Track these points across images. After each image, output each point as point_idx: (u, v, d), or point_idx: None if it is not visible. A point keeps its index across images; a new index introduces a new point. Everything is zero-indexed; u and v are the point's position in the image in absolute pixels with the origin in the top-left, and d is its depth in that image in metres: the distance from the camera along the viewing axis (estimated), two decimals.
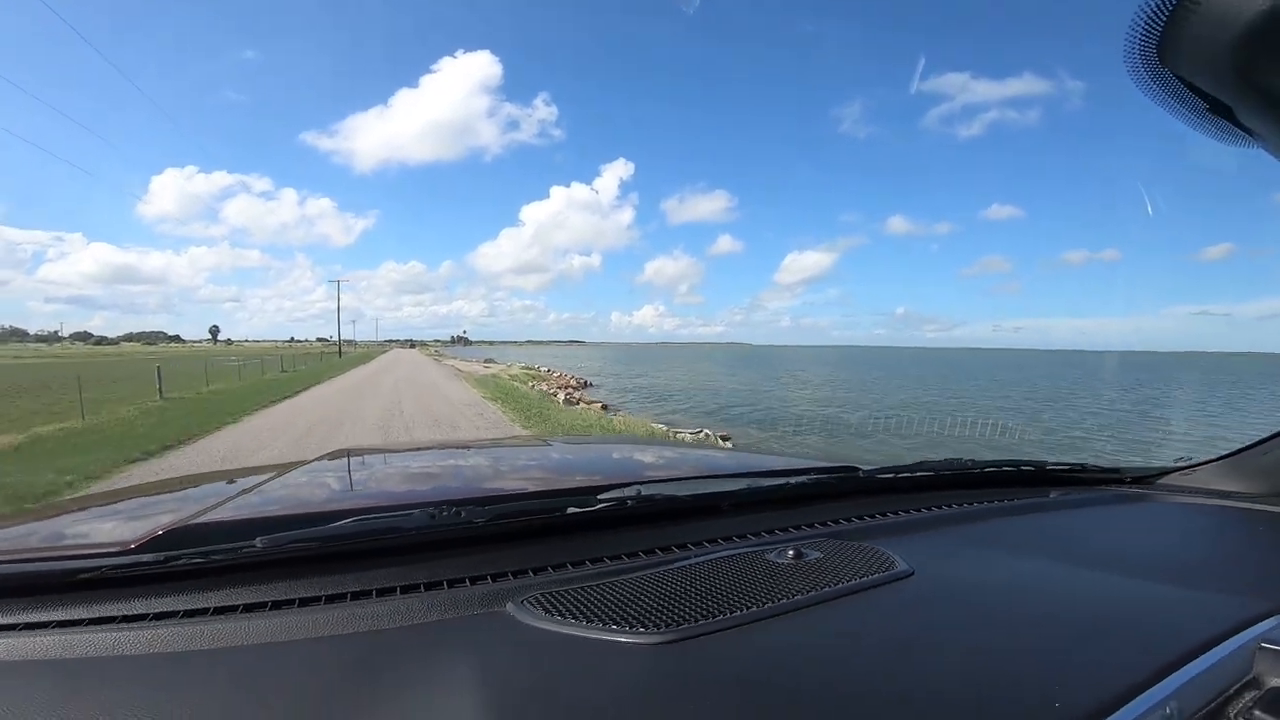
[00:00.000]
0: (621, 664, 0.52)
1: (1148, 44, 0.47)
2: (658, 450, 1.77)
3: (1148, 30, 0.46)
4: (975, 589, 0.71)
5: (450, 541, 0.74)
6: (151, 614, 0.60)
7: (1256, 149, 0.56)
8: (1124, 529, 1.02)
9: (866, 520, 0.95)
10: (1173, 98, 0.52)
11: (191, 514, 0.80)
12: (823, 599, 0.64)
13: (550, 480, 1.25)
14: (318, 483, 1.12)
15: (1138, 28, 0.46)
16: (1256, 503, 1.07)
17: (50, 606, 0.60)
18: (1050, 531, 0.98)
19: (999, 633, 0.59)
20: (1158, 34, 0.46)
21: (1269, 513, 1.02)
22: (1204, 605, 0.64)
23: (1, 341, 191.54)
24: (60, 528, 0.97)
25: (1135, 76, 0.50)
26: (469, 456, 1.51)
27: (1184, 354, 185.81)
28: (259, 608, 0.61)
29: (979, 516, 1.02)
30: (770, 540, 0.84)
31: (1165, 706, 0.46)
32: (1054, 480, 1.23)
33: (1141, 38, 0.47)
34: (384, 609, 0.61)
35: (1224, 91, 0.50)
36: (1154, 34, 0.46)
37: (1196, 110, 0.53)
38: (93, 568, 0.63)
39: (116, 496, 1.31)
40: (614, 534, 0.82)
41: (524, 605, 0.61)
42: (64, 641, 0.55)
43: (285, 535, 0.67)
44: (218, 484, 1.23)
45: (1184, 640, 0.55)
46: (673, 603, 0.61)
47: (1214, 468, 1.19)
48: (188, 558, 0.64)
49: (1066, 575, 0.75)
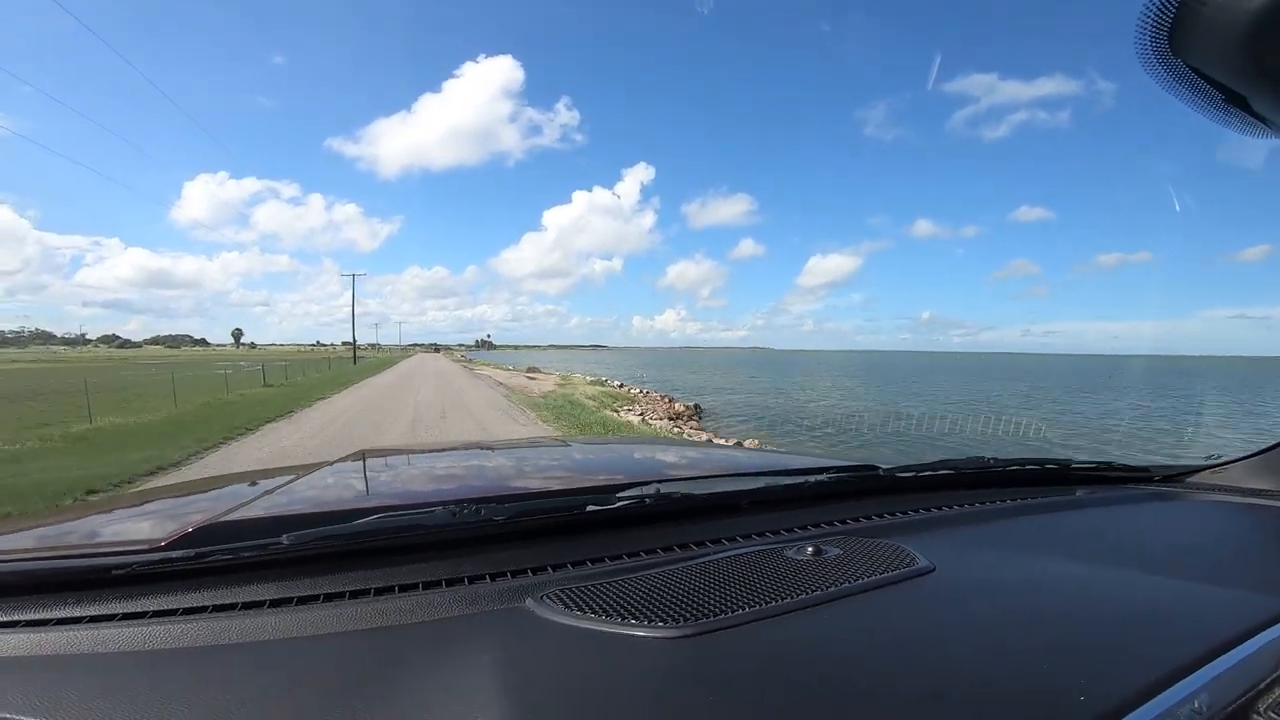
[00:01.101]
0: (640, 657, 0.52)
1: (1159, 35, 0.47)
2: (678, 450, 1.77)
3: (1159, 21, 0.46)
4: (998, 585, 0.70)
5: (471, 539, 0.75)
6: (182, 609, 0.61)
7: (1276, 139, 0.55)
8: (1151, 527, 1.00)
9: (887, 518, 0.94)
10: (1187, 89, 0.51)
11: (220, 513, 0.82)
12: (842, 594, 0.63)
13: (570, 479, 1.26)
14: (342, 483, 1.14)
15: (1149, 18, 0.46)
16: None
17: (84, 602, 0.62)
18: (1075, 529, 0.96)
19: (1022, 628, 0.59)
20: (1169, 24, 0.46)
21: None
22: (1233, 602, 0.63)
23: (26, 344, 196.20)
24: (92, 526, 0.99)
25: (1149, 68, 0.50)
26: (490, 457, 1.52)
27: (1220, 358, 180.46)
28: (285, 603, 0.63)
29: (1003, 514, 1.00)
30: (789, 538, 0.84)
31: (1194, 701, 0.46)
32: (1079, 479, 1.21)
33: (1153, 28, 0.46)
34: (407, 604, 0.62)
35: (1237, 81, 0.49)
36: (1165, 24, 0.46)
37: (1213, 101, 0.52)
38: (125, 564, 0.65)
39: (146, 496, 1.35)
40: (633, 531, 0.83)
41: (544, 601, 0.62)
42: (97, 636, 0.57)
43: (311, 532, 0.68)
44: (244, 484, 1.25)
45: (1212, 636, 0.54)
46: (691, 598, 0.61)
47: (1245, 465, 1.17)
48: (217, 554, 0.66)
49: (1092, 572, 0.74)
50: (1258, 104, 0.51)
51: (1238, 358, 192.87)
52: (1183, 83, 0.51)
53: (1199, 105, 0.52)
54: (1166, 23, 0.45)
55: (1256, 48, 0.43)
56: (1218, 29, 0.44)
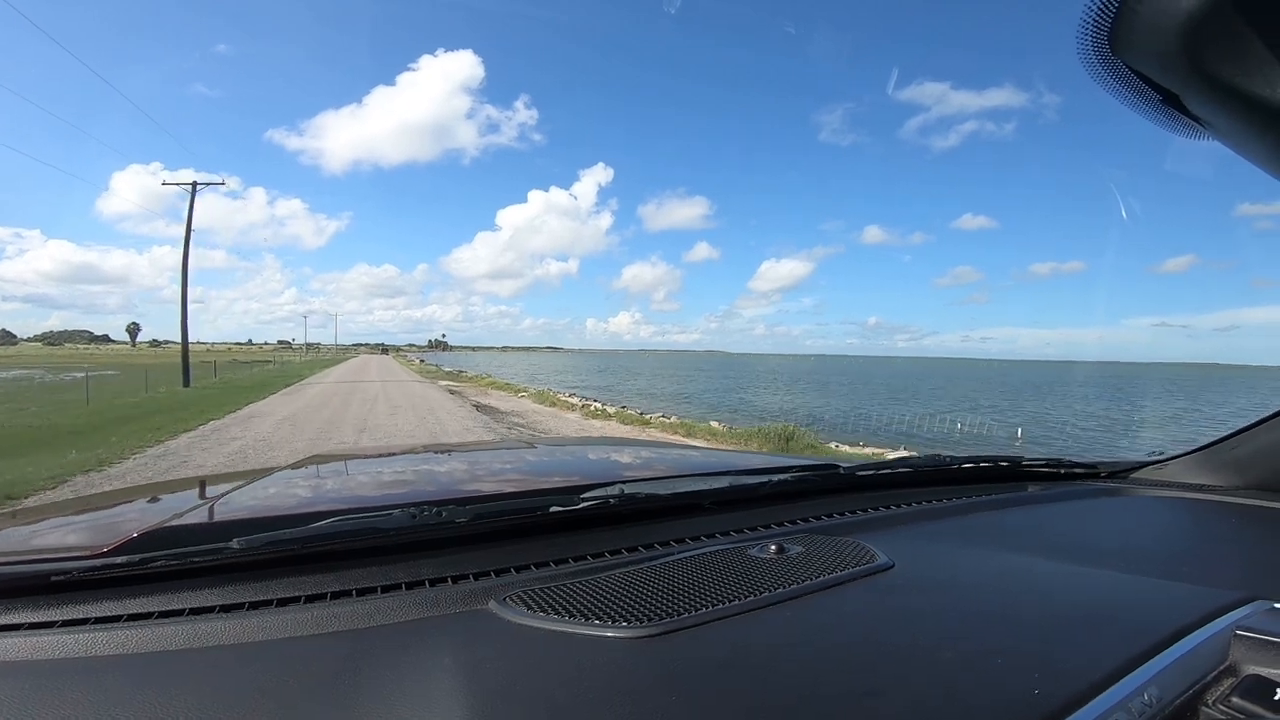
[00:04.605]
0: (604, 657, 0.52)
1: (1100, 34, 0.48)
2: (641, 450, 1.77)
3: (1099, 19, 0.47)
4: (954, 581, 0.72)
5: (432, 541, 0.73)
6: (126, 615, 0.59)
7: (1209, 140, 0.57)
8: (1100, 522, 1.05)
9: (848, 516, 0.96)
10: (1126, 89, 0.53)
11: (167, 518, 0.78)
12: (804, 592, 0.64)
13: (533, 481, 1.25)
14: (297, 486, 1.10)
15: (1090, 16, 0.47)
16: (1228, 495, 1.11)
17: (21, 609, 0.60)
18: (1028, 525, 1.00)
19: (977, 623, 0.60)
20: (1109, 23, 0.47)
21: (1240, 505, 1.06)
22: (1180, 595, 0.65)
23: None
24: (32, 532, 0.95)
25: (1089, 67, 0.51)
26: (452, 459, 1.49)
27: (1144, 364, 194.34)
28: (236, 608, 0.60)
29: (959, 511, 1.04)
30: (753, 536, 0.84)
31: (1142, 694, 0.47)
32: (1030, 475, 1.26)
33: (1094, 27, 0.47)
34: (364, 608, 0.60)
35: (1173, 81, 0.50)
36: (1105, 23, 0.47)
37: (1150, 101, 0.53)
38: (65, 570, 0.62)
39: (89, 503, 1.27)
40: (596, 532, 0.82)
41: (506, 603, 0.61)
42: (35, 643, 0.55)
43: (263, 536, 0.65)
44: (193, 490, 1.21)
45: (1160, 629, 0.55)
46: (655, 597, 0.61)
47: (1186, 461, 1.23)
48: (163, 560, 0.63)
49: (1044, 567, 0.77)
50: (1192, 104, 0.52)
51: (1158, 363, 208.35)
52: (1122, 82, 0.52)
53: (1137, 105, 0.54)
54: (1107, 22, 0.46)
55: (1191, 47, 0.45)
56: (1155, 28, 0.45)
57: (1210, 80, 0.48)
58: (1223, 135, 0.56)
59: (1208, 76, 0.48)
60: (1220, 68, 0.46)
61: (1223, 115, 0.53)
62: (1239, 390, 46.57)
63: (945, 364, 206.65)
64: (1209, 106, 0.52)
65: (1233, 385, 58.72)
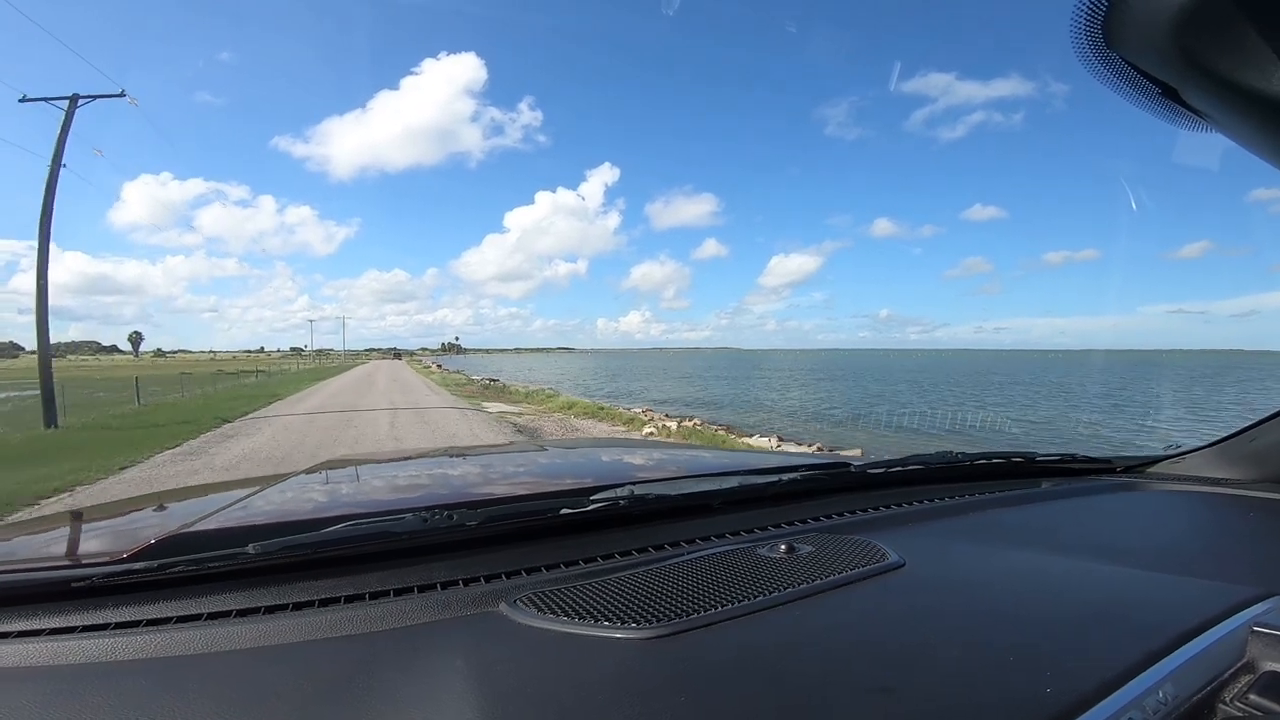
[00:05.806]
0: (614, 658, 0.52)
1: (1094, 28, 0.47)
2: (650, 451, 1.77)
3: (1092, 13, 0.46)
4: (967, 578, 0.72)
5: (443, 545, 0.74)
6: (145, 620, 0.60)
7: (1212, 133, 0.56)
8: (1115, 518, 1.03)
9: (859, 514, 0.95)
10: (1124, 82, 0.52)
11: (184, 524, 0.80)
12: (815, 591, 0.64)
13: (543, 483, 1.25)
14: (311, 492, 1.12)
15: (1083, 11, 0.47)
16: (1246, 489, 1.08)
17: (43, 615, 0.61)
18: (1041, 521, 0.99)
19: (990, 620, 0.60)
20: (1102, 17, 0.46)
21: (1259, 499, 1.04)
22: (1196, 591, 0.64)
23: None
24: (53, 539, 0.97)
25: (1085, 62, 0.51)
26: (463, 463, 1.50)
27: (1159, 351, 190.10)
28: (253, 613, 0.61)
29: (971, 508, 1.03)
30: (763, 536, 0.84)
31: (1158, 691, 0.46)
32: (1044, 471, 1.25)
33: (1088, 21, 0.47)
34: (377, 611, 0.61)
35: (1169, 73, 0.50)
36: (1099, 17, 0.46)
37: (1148, 94, 0.53)
38: (85, 576, 0.63)
39: (108, 510, 1.30)
40: (606, 534, 0.82)
41: (517, 605, 0.61)
42: (56, 648, 0.56)
43: (278, 541, 0.67)
44: (210, 496, 1.23)
45: (1176, 626, 0.54)
46: (665, 598, 0.61)
47: (1203, 455, 1.21)
48: (181, 565, 0.64)
49: (1058, 564, 0.76)
50: (1189, 95, 0.52)
51: (1175, 350, 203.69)
52: (1119, 76, 0.52)
53: (1136, 98, 0.53)
54: (1100, 16, 0.46)
55: (1185, 39, 0.45)
56: (1149, 21, 0.45)
57: (1207, 73, 0.48)
58: (1223, 127, 0.56)
59: (1204, 69, 0.47)
60: (1217, 61, 0.46)
61: (1222, 108, 0.53)
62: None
63: (967, 355, 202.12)
64: (1208, 99, 0.52)
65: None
